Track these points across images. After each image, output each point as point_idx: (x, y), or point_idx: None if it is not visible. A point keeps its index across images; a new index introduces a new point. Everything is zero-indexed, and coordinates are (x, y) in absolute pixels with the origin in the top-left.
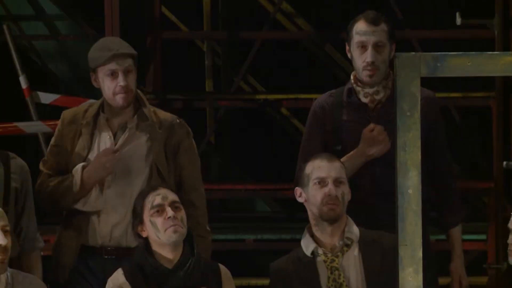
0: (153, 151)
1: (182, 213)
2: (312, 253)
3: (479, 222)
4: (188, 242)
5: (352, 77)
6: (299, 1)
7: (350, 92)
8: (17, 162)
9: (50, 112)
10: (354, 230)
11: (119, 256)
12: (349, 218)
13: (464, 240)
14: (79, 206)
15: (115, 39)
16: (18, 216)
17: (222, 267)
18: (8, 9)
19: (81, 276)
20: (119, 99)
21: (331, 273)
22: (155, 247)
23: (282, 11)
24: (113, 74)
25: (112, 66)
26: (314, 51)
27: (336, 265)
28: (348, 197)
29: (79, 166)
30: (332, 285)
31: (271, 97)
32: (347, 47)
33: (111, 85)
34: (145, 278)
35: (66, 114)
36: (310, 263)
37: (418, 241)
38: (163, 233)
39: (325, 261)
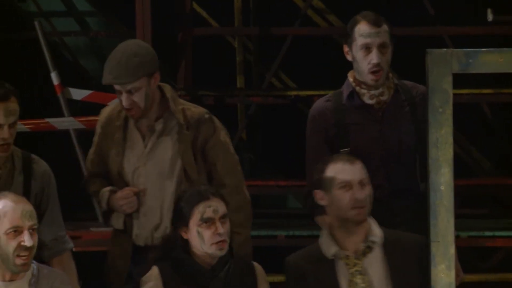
0: (181, 153)
1: (228, 225)
2: (333, 255)
3: (511, 219)
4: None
5: (351, 79)
6: None
7: (352, 95)
8: (39, 166)
9: (81, 108)
10: (378, 232)
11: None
12: (372, 218)
13: (496, 237)
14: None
15: (125, 55)
16: (41, 221)
17: (257, 265)
18: (40, 6)
19: (129, 275)
20: (128, 113)
21: (353, 277)
22: (195, 249)
23: (313, 7)
24: (119, 92)
25: (115, 86)
26: None
27: (359, 269)
28: (372, 197)
29: (107, 191)
30: None
31: (303, 93)
32: (345, 49)
33: (119, 99)
34: (181, 277)
35: (102, 115)
36: (331, 266)
37: (451, 237)
38: (208, 246)
39: (347, 264)
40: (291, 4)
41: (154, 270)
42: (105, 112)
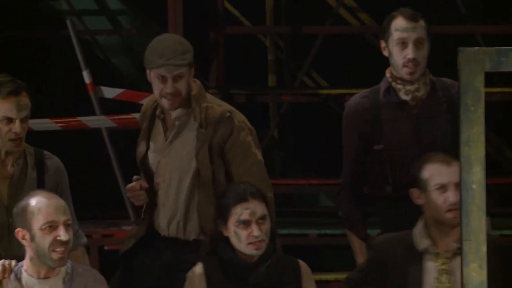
0: (196, 151)
1: (267, 226)
2: (424, 249)
3: None
4: (270, 236)
5: (388, 75)
6: None
7: (388, 91)
8: (52, 162)
9: (113, 107)
10: None
11: (177, 247)
12: None
13: None
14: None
15: (172, 41)
16: None
17: (302, 263)
18: (72, 4)
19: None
20: (165, 103)
21: (440, 275)
22: (235, 246)
23: (345, 5)
24: (163, 78)
25: (162, 71)
26: (376, 45)
27: (446, 268)
28: None
29: (133, 180)
30: (437, 287)
31: (334, 91)
32: (382, 44)
33: (159, 87)
34: (225, 273)
35: (143, 105)
36: (419, 259)
37: (482, 236)
38: (244, 246)
39: (435, 261)
40: (323, 2)
41: (198, 267)
42: (145, 103)
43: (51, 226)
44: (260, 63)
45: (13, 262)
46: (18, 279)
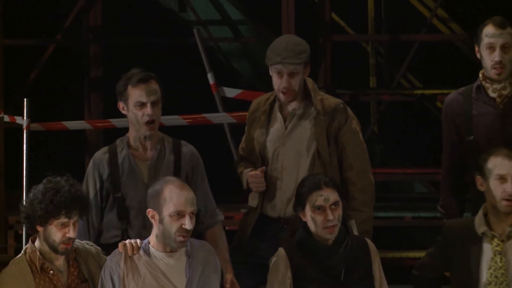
0: (316, 135)
1: (340, 211)
2: (482, 233)
3: None
4: (342, 221)
5: (480, 75)
6: (453, 8)
7: (479, 89)
8: (187, 149)
9: (234, 105)
10: None
11: (292, 225)
12: None
13: None
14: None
15: (290, 42)
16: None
17: (370, 242)
18: (198, 15)
19: (258, 239)
20: (281, 96)
21: (494, 255)
22: (312, 230)
23: (438, 16)
24: (280, 74)
25: (279, 67)
26: (464, 51)
27: (500, 250)
28: None
29: (247, 172)
30: (492, 266)
31: (428, 92)
32: (476, 48)
33: (277, 82)
34: (305, 254)
35: (253, 103)
36: (478, 242)
37: None
38: (320, 230)
39: (491, 244)
40: (418, 13)
41: (281, 251)
42: (254, 102)
43: (179, 215)
44: (362, 67)
45: (138, 241)
46: (147, 254)
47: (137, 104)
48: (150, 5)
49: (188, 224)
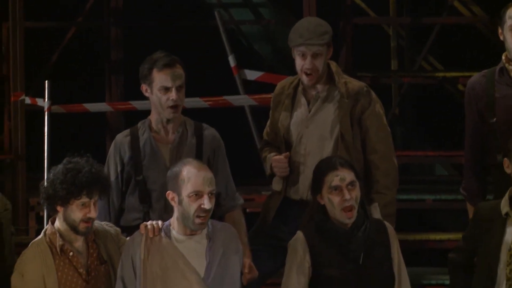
0: (340, 118)
1: (357, 192)
2: (506, 214)
3: None
4: (360, 204)
5: (503, 57)
6: None
7: (502, 71)
8: (209, 132)
9: (255, 87)
10: None
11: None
12: None
13: None
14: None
15: (312, 24)
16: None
17: (388, 225)
18: None
19: (281, 221)
20: (304, 78)
21: None
22: (330, 214)
23: None
24: (303, 55)
25: (302, 49)
26: (485, 34)
27: None
28: None
29: (271, 156)
30: None
31: (449, 74)
32: (499, 30)
33: (300, 64)
34: (324, 238)
35: (277, 86)
36: (502, 223)
37: None
38: (338, 211)
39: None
40: None
41: (300, 235)
42: (278, 85)
43: (197, 195)
44: (384, 49)
45: (160, 222)
46: (168, 236)
47: (162, 88)
48: None
49: (207, 203)
